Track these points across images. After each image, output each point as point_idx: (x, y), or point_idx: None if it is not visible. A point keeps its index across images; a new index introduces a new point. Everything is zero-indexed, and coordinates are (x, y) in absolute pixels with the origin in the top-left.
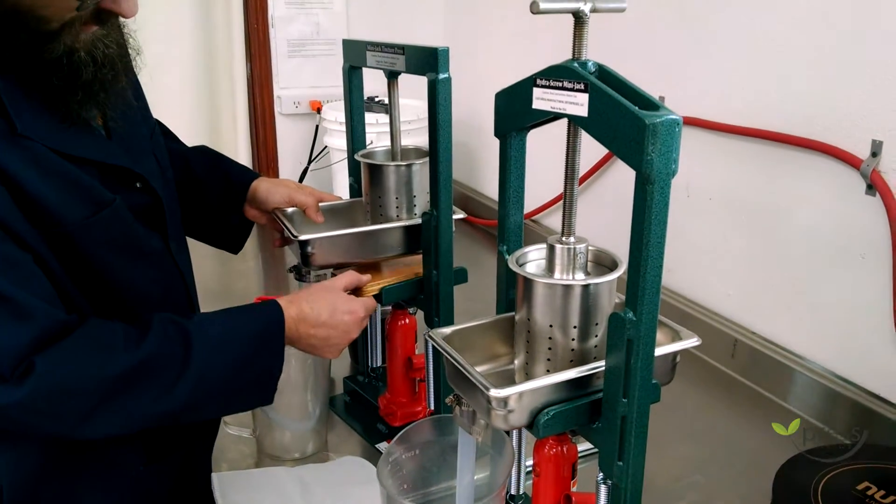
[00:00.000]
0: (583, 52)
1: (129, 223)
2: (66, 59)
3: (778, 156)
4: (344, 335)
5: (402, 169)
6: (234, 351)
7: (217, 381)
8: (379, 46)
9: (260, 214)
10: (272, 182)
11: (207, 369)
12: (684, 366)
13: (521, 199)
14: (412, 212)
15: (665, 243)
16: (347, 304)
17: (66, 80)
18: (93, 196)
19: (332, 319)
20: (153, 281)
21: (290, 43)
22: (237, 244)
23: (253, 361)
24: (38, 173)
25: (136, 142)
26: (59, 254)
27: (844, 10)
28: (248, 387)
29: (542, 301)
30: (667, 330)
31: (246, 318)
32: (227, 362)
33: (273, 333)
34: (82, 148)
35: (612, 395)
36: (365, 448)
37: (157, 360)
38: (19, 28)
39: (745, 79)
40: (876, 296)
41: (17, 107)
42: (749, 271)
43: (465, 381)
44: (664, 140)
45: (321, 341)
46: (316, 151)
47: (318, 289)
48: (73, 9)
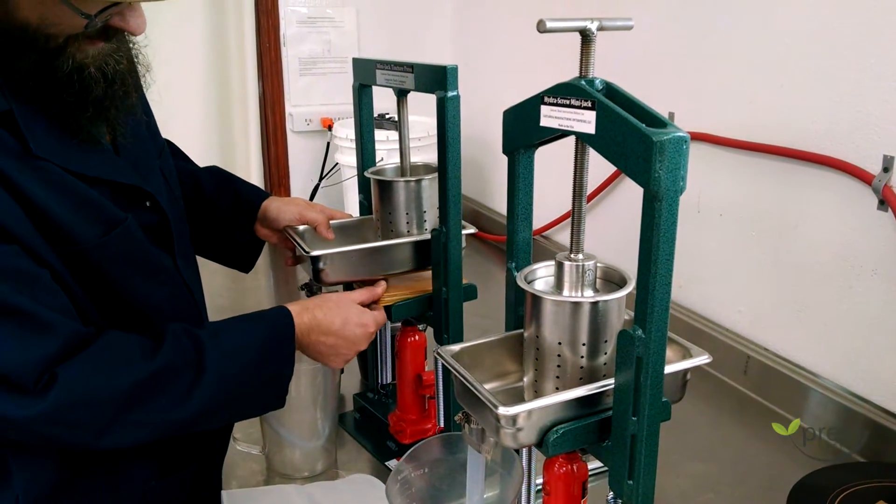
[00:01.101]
0: (590, 70)
1: (141, 241)
2: (77, 75)
3: (789, 171)
4: (352, 346)
5: (411, 184)
6: (246, 356)
7: (230, 386)
8: (388, 65)
9: (271, 233)
10: (283, 201)
11: (221, 375)
12: (696, 382)
13: (530, 216)
14: (422, 227)
15: (674, 260)
16: (359, 317)
17: (77, 97)
18: (106, 215)
19: (344, 330)
20: (165, 297)
21: (301, 61)
22: (248, 263)
23: (264, 366)
24: (53, 193)
25: (145, 159)
26: (73, 270)
27: (855, 26)
28: (260, 390)
29: (551, 318)
30: (677, 347)
31: (257, 324)
32: (240, 368)
33: (283, 338)
34: (94, 167)
35: (622, 414)
36: (374, 465)
37: (173, 369)
38: (29, 47)
39: (755, 94)
40: (888, 312)
41: (31, 127)
42: (760, 287)
43: (473, 399)
44: (672, 157)
45: (329, 349)
46: (327, 168)
47: (332, 298)
48: (82, 27)
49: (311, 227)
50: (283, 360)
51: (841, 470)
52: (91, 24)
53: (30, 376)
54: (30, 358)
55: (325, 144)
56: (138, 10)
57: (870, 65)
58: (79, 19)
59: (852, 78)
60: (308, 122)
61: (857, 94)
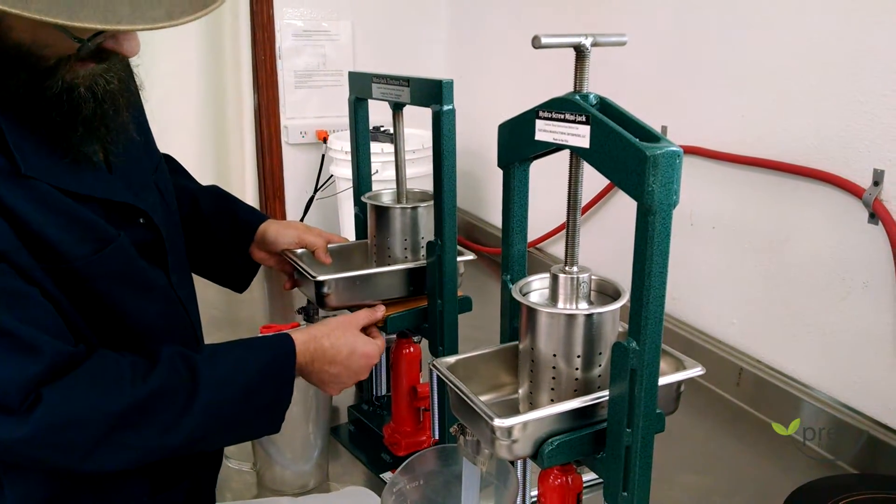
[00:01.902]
0: (584, 85)
1: (134, 258)
2: (66, 95)
3: (781, 185)
4: (354, 376)
5: (408, 211)
6: (242, 384)
7: (224, 414)
8: (384, 79)
9: (268, 256)
10: (281, 224)
11: (215, 403)
12: (689, 395)
13: (525, 229)
14: (418, 252)
15: (667, 273)
16: (365, 347)
17: (66, 117)
18: (97, 233)
19: (349, 360)
20: (158, 314)
21: (297, 74)
22: (243, 284)
23: (261, 394)
24: (43, 212)
25: (138, 176)
26: (65, 288)
27: (846, 42)
28: (255, 417)
29: (546, 330)
30: (670, 359)
31: (257, 352)
32: (235, 395)
33: (282, 365)
34: (86, 186)
35: (616, 425)
36: (369, 478)
37: (165, 393)
38: (19, 66)
39: (748, 108)
40: (880, 324)
41: (20, 146)
42: (753, 299)
43: (468, 411)
44: (665, 171)
45: (331, 377)
46: (322, 181)
47: (337, 326)
48: (74, 49)
49: (309, 252)
50: (280, 389)
51: (834, 481)
52: (84, 48)
53: (14, 397)
54: (14, 378)
55: (319, 157)
56: (132, 34)
57: (860, 79)
58: (71, 42)
59: (843, 93)
60: (303, 134)
61: (848, 108)
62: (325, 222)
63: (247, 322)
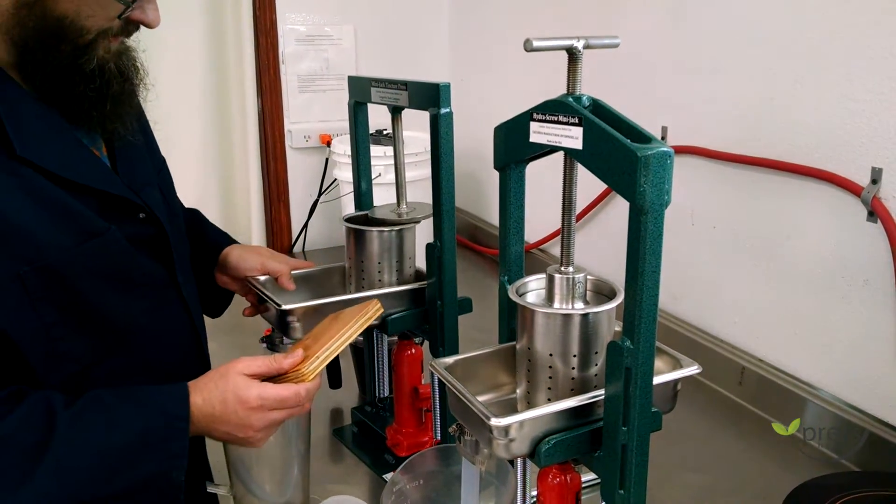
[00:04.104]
0: (577, 87)
1: (126, 253)
2: (99, 70)
3: (780, 184)
4: (244, 429)
5: (384, 235)
6: (103, 452)
7: (78, 487)
8: (383, 83)
9: (231, 281)
10: (244, 248)
11: (65, 470)
12: (691, 393)
13: (522, 230)
14: (400, 276)
15: (660, 272)
16: (238, 393)
17: (98, 92)
18: (83, 225)
19: (225, 414)
20: (149, 312)
21: (300, 78)
22: (216, 309)
23: (137, 464)
24: (26, 200)
25: (142, 173)
26: (49, 293)
27: (844, 40)
28: (140, 488)
29: (542, 330)
30: (667, 358)
31: (137, 411)
32: (93, 465)
33: (167, 431)
34: (86, 175)
35: (612, 424)
36: (373, 479)
37: (7, 446)
38: (62, 40)
39: (746, 108)
40: (880, 322)
41: (22, 129)
42: (754, 298)
43: (467, 411)
44: (656, 172)
45: (227, 436)
46: (326, 184)
47: (215, 375)
48: (114, 18)
49: (272, 278)
50: (163, 458)
51: (836, 479)
52: (125, 13)
53: None
54: None
55: (323, 160)
56: (154, 3)
57: (858, 78)
58: (113, 9)
59: (841, 91)
60: (307, 138)
61: (846, 107)
62: (328, 226)
63: (250, 326)
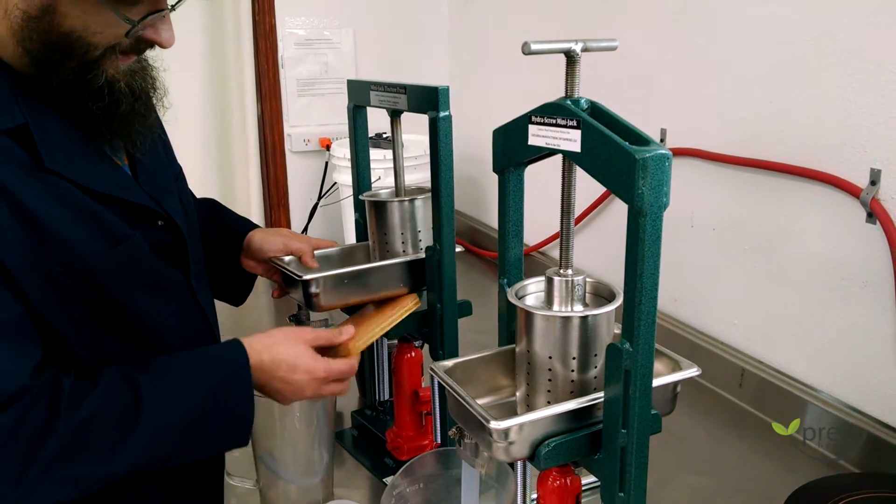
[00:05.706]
0: (575, 90)
1: (149, 258)
2: (108, 88)
3: (780, 185)
4: (297, 392)
5: (405, 204)
6: (194, 403)
7: (173, 436)
8: (382, 86)
9: (256, 265)
10: (267, 231)
11: (161, 425)
12: (691, 396)
13: (521, 233)
14: (417, 247)
15: (659, 274)
16: (308, 363)
17: (106, 110)
18: (111, 231)
19: (289, 376)
20: (172, 314)
21: (299, 82)
22: (239, 297)
23: (220, 410)
24: (61, 207)
25: (161, 181)
26: (81, 292)
27: (843, 42)
28: (217, 435)
29: (541, 333)
30: (666, 360)
31: (208, 365)
32: (186, 415)
33: (238, 380)
34: (108, 185)
35: (612, 426)
36: (373, 482)
37: (100, 419)
38: (69, 55)
39: (746, 110)
40: (880, 323)
41: (46, 141)
42: (754, 300)
43: (466, 414)
44: (654, 174)
45: (275, 392)
46: (326, 188)
47: (283, 339)
48: (122, 35)
49: (297, 257)
50: (239, 402)
51: (837, 480)
52: (132, 31)
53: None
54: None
55: (323, 164)
56: (168, 23)
57: (857, 80)
58: (121, 27)
59: (840, 93)
60: (306, 142)
61: (845, 109)
62: (329, 229)
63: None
